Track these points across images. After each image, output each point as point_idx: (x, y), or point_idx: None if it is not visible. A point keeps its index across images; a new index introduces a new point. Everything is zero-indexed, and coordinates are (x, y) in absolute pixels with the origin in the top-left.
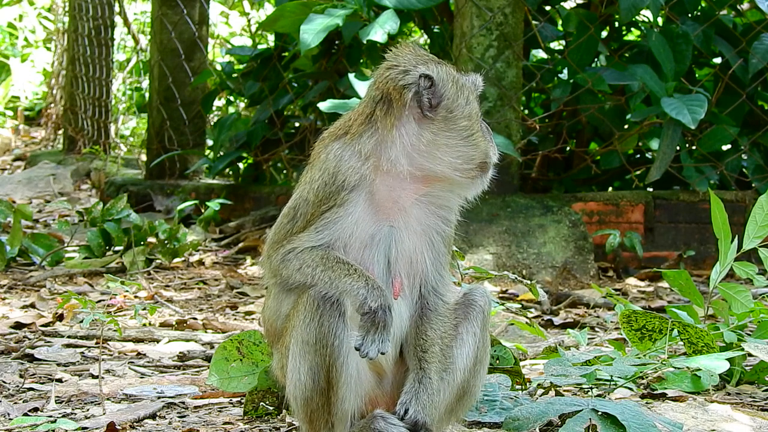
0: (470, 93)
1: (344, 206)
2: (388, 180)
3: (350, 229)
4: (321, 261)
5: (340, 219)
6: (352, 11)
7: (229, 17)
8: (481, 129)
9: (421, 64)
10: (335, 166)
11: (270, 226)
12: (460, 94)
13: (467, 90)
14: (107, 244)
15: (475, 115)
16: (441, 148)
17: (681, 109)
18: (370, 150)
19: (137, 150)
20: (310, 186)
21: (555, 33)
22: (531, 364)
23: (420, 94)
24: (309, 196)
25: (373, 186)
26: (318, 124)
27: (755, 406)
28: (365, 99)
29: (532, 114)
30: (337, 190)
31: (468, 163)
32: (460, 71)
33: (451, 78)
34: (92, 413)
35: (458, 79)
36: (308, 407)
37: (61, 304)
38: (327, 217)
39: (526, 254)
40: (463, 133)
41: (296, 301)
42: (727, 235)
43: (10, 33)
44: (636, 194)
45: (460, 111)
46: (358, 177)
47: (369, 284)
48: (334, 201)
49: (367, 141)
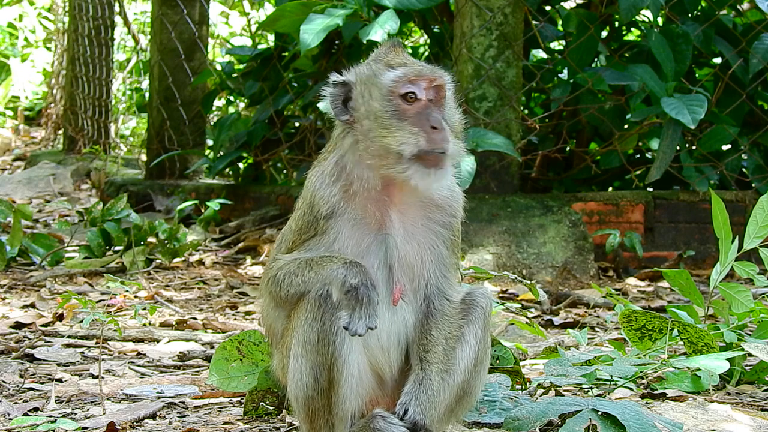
0: (375, 90)
1: (326, 233)
2: (359, 199)
3: (336, 250)
4: (305, 264)
5: (322, 246)
6: (352, 11)
7: (229, 17)
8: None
9: (356, 67)
10: (311, 196)
11: (270, 226)
12: (364, 94)
13: (372, 87)
14: (107, 244)
15: (375, 112)
16: (362, 150)
17: (681, 109)
18: (335, 169)
19: (137, 150)
20: (294, 214)
21: (555, 33)
22: (531, 364)
23: (333, 100)
24: (293, 224)
25: (348, 209)
26: (318, 124)
27: (755, 406)
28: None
29: (532, 114)
30: (314, 219)
31: (386, 159)
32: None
33: (362, 79)
34: (92, 413)
35: (369, 78)
36: (309, 407)
37: (61, 304)
38: (310, 243)
39: (526, 254)
40: (369, 132)
41: (297, 302)
42: (727, 235)
43: (10, 33)
44: (636, 194)
45: (362, 110)
46: (330, 205)
47: (347, 263)
48: (315, 230)
49: (332, 159)
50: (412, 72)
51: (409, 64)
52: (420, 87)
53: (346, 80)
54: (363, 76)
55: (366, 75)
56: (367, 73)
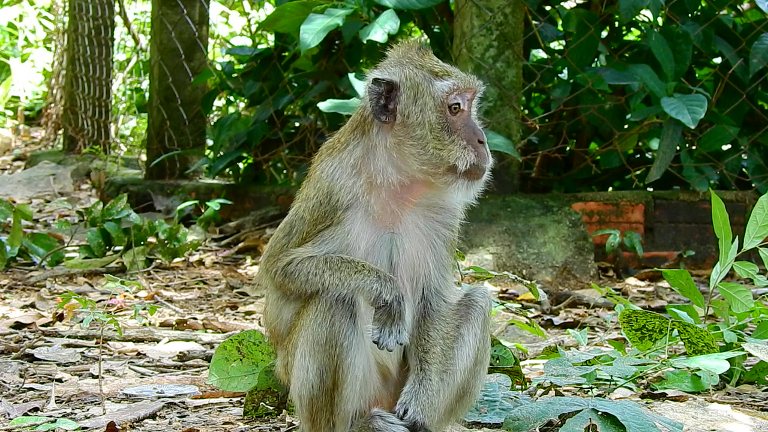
0: (429, 100)
1: (342, 224)
2: (382, 194)
3: (351, 243)
4: (326, 266)
5: (338, 237)
6: (352, 11)
7: (229, 17)
8: (441, 136)
9: (392, 66)
10: (329, 186)
11: (270, 226)
12: (417, 101)
13: (426, 97)
14: (107, 244)
15: (429, 123)
16: (407, 154)
17: (681, 109)
18: (358, 160)
19: (137, 150)
20: (306, 204)
21: (555, 33)
22: (531, 364)
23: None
24: (305, 214)
25: (368, 202)
26: (318, 124)
27: (755, 406)
28: (358, 107)
29: (532, 114)
30: (332, 210)
31: (435, 168)
32: (438, 75)
33: (410, 83)
34: (92, 413)
35: (418, 85)
36: (312, 406)
37: (61, 304)
38: (324, 235)
39: (526, 254)
40: (420, 141)
41: (306, 302)
42: (727, 235)
43: (10, 33)
44: (636, 194)
45: (414, 118)
46: (352, 196)
47: (381, 277)
48: (331, 220)
49: (354, 150)
50: (462, 84)
51: (453, 73)
52: (465, 98)
53: (391, 80)
54: (412, 81)
55: (416, 81)
56: (417, 80)
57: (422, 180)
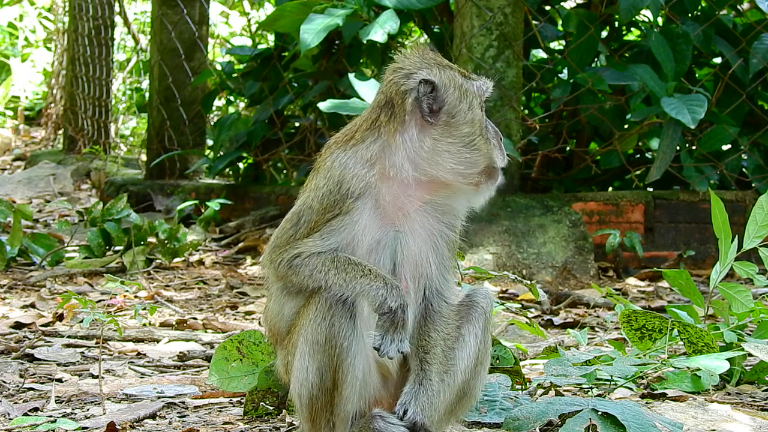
0: (474, 98)
1: (350, 214)
2: (394, 186)
3: (357, 235)
4: (332, 264)
5: (346, 227)
6: (352, 11)
7: (229, 17)
8: (485, 134)
9: (425, 68)
10: (340, 174)
11: (270, 226)
12: (463, 100)
13: (471, 95)
14: (107, 244)
15: (478, 121)
16: (443, 154)
17: (681, 109)
18: (374, 156)
19: (137, 150)
20: (314, 193)
21: (555, 33)
22: (531, 364)
23: (420, 99)
24: (314, 203)
25: (378, 193)
26: (318, 124)
27: (755, 406)
28: (371, 104)
29: (532, 114)
30: (342, 198)
31: (471, 169)
32: (467, 76)
33: (454, 83)
34: (92, 413)
35: (462, 85)
36: (312, 406)
37: (61, 304)
38: (333, 224)
39: (526, 254)
40: (465, 139)
41: (307, 301)
42: (727, 235)
43: (10, 33)
44: (636, 194)
45: (462, 117)
46: (364, 185)
47: (387, 284)
48: (340, 209)
49: (371, 146)
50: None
51: (473, 75)
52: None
53: (434, 81)
54: (455, 81)
55: (458, 81)
56: (459, 80)
57: (442, 180)
